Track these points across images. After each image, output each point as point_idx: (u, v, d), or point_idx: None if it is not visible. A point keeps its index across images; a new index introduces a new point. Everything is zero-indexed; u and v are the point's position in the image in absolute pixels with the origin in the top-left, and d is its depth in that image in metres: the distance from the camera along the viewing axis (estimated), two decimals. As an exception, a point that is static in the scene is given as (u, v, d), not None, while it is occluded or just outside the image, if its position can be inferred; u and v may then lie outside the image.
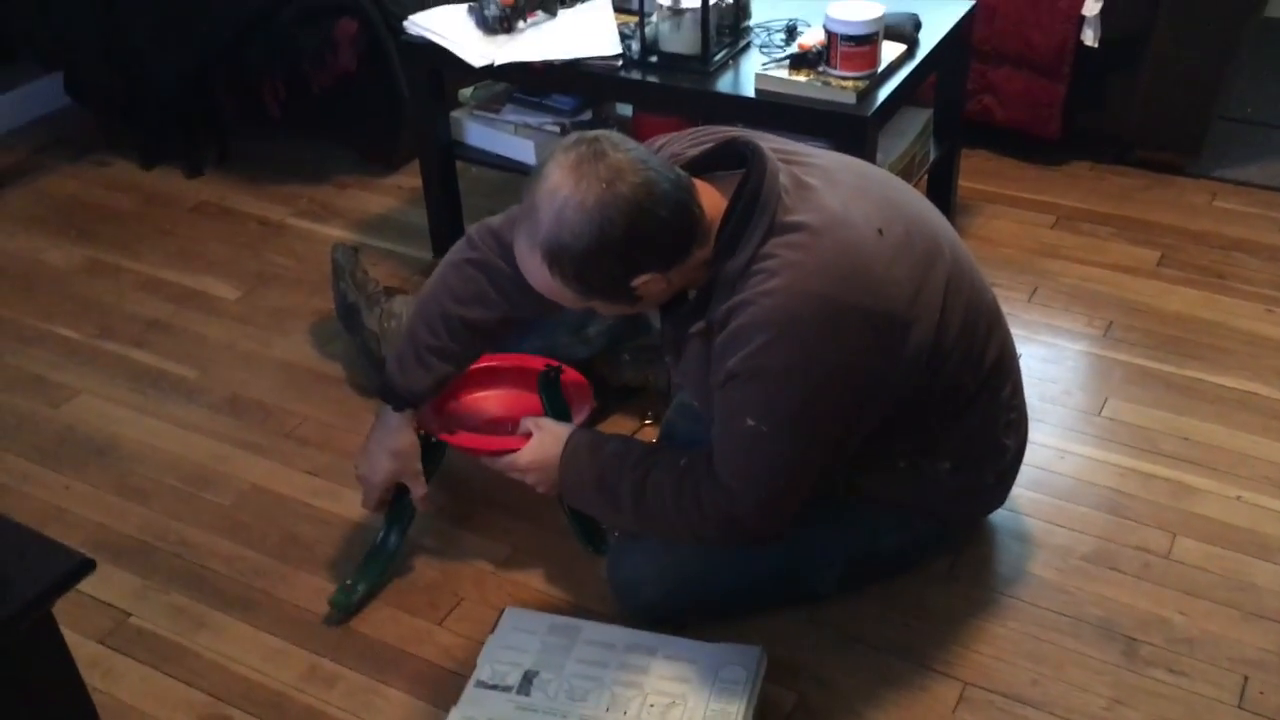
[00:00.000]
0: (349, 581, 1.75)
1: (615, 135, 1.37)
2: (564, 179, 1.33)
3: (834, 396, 1.41)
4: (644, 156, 1.35)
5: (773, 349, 1.37)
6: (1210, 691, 1.56)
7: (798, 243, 1.38)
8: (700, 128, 1.58)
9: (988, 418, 1.62)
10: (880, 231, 1.42)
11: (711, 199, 1.42)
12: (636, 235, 1.33)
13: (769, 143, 1.50)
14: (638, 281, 1.38)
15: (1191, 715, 1.54)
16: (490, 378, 1.88)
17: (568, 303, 1.44)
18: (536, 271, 1.39)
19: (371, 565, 1.78)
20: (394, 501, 1.80)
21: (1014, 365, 1.66)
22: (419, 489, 1.77)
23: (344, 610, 1.73)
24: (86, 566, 0.95)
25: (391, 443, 1.73)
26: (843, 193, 1.44)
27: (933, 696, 1.58)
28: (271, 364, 2.28)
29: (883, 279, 1.40)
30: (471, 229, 1.70)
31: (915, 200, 1.57)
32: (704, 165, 1.48)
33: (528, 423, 1.67)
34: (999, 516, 1.83)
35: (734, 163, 1.45)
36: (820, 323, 1.37)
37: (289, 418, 2.13)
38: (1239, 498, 1.86)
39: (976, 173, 2.74)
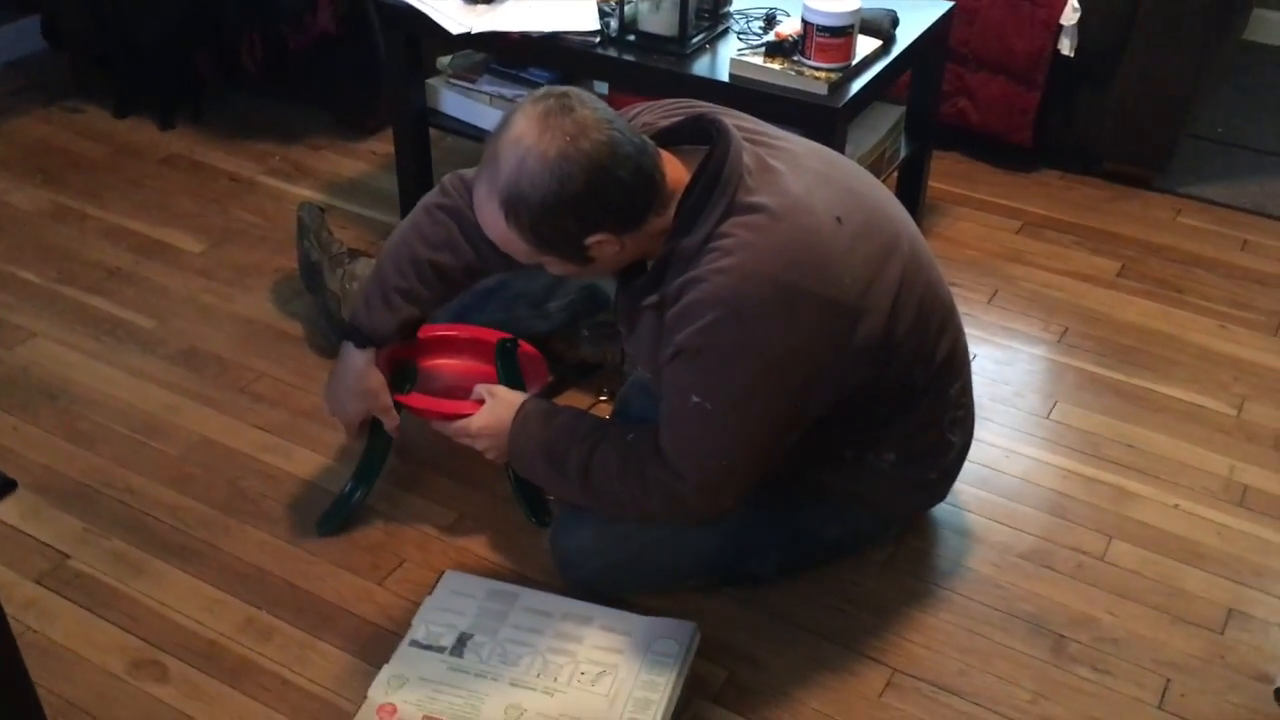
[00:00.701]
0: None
1: (584, 93, 1.38)
2: (529, 129, 1.34)
3: (779, 379, 1.42)
4: (610, 117, 1.37)
5: (721, 327, 1.38)
6: (1132, 691, 1.59)
7: (755, 224, 1.39)
8: (676, 100, 1.60)
9: (934, 413, 1.63)
10: (839, 220, 1.43)
11: (675, 171, 1.43)
12: (594, 193, 1.34)
13: (739, 121, 1.51)
14: (590, 240, 1.39)
15: (1113, 714, 1.56)
16: (446, 347, 1.88)
17: (520, 255, 1.45)
18: (493, 219, 1.40)
19: (344, 504, 1.82)
20: (367, 442, 1.82)
21: (965, 363, 1.68)
22: (391, 420, 1.76)
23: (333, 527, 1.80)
24: (8, 487, 0.95)
25: (358, 383, 1.74)
26: (806, 178, 1.45)
27: (860, 681, 1.60)
28: (231, 319, 2.27)
29: (837, 267, 1.41)
30: (445, 177, 1.73)
31: (879, 193, 1.58)
32: (672, 138, 1.49)
33: (481, 389, 1.68)
34: (942, 511, 1.85)
35: (702, 138, 1.46)
36: (770, 305, 1.38)
37: (245, 373, 2.13)
38: (1177, 506, 1.89)
39: (947, 174, 2.76)
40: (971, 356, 1.70)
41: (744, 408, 1.43)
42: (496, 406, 1.64)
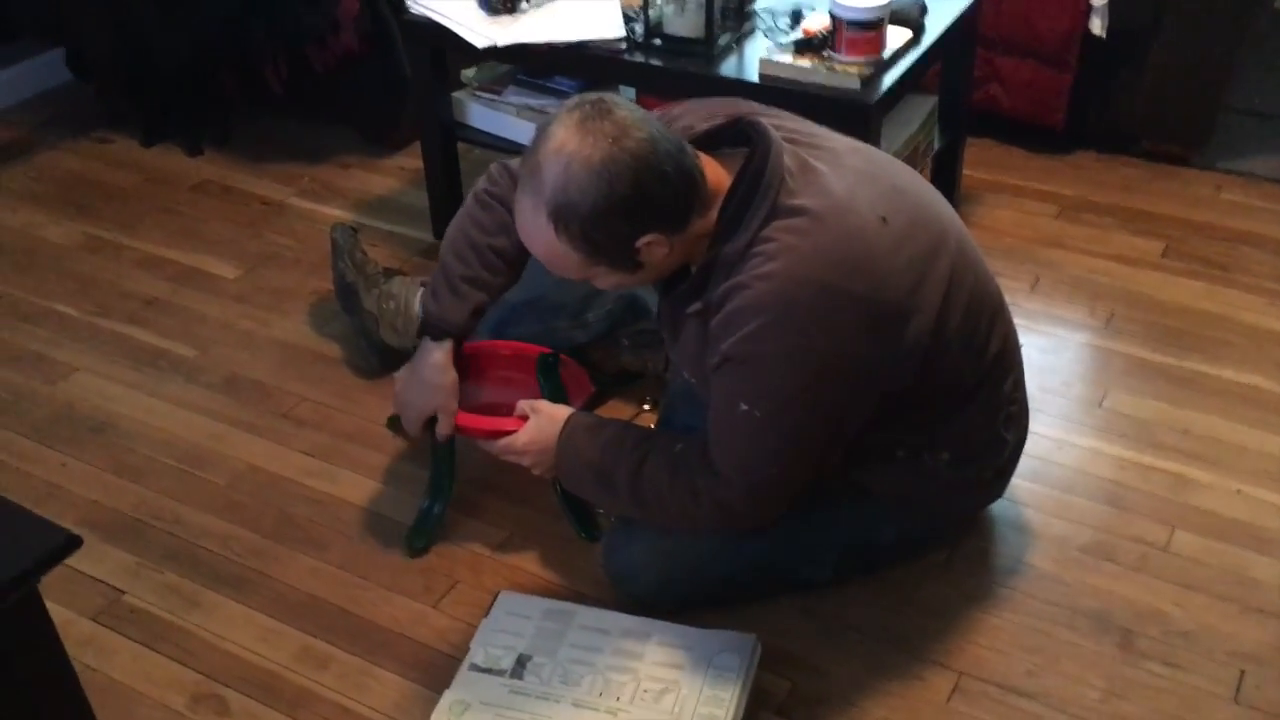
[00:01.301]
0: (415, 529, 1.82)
1: (617, 96, 1.38)
2: (569, 137, 1.33)
3: (828, 384, 1.40)
4: (645, 116, 1.36)
5: (767, 334, 1.36)
6: (1206, 685, 1.56)
7: (798, 227, 1.37)
8: (715, 100, 1.58)
9: (987, 411, 1.61)
10: (884, 219, 1.41)
11: (716, 175, 1.42)
12: (642, 192, 1.33)
13: (780, 120, 1.49)
14: (642, 242, 1.37)
15: (1187, 708, 1.53)
16: (487, 363, 1.87)
17: (571, 270, 1.43)
18: (542, 234, 1.39)
19: (427, 519, 1.81)
20: (432, 456, 1.82)
21: (1016, 359, 1.65)
22: (445, 427, 1.73)
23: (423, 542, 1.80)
24: (73, 543, 0.94)
25: (435, 376, 1.72)
26: (848, 178, 1.43)
27: (927, 686, 1.57)
28: (270, 344, 2.27)
29: (883, 268, 1.39)
30: (491, 166, 1.75)
31: (923, 189, 1.55)
32: (712, 141, 1.47)
33: (525, 405, 1.66)
34: (997, 507, 1.82)
35: (742, 140, 1.44)
36: (817, 309, 1.36)
37: (286, 398, 2.13)
38: (1238, 491, 1.85)
39: (981, 162, 2.72)
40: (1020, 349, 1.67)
41: (792, 414, 1.41)
42: (541, 421, 1.63)
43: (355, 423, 2.06)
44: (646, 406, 2.05)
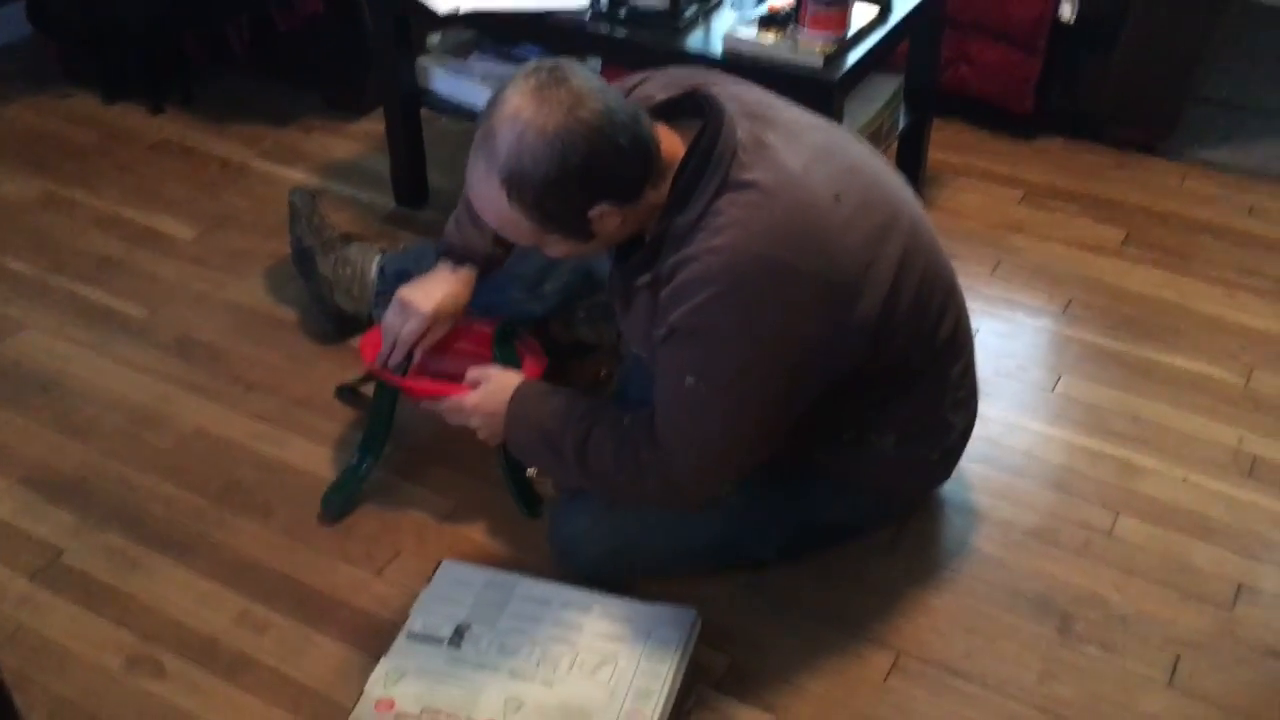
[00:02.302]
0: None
1: (574, 63, 1.35)
2: (525, 104, 1.31)
3: (774, 360, 1.39)
4: (602, 85, 1.34)
5: (714, 306, 1.35)
6: (1142, 669, 1.57)
7: (748, 201, 1.36)
8: (678, 69, 1.57)
9: (935, 395, 1.61)
10: (837, 197, 1.40)
11: (672, 145, 1.41)
12: (597, 163, 1.31)
13: (740, 92, 1.48)
14: (594, 212, 1.36)
15: (1122, 692, 1.54)
16: (444, 337, 1.86)
17: (523, 237, 1.42)
18: (494, 200, 1.37)
19: (351, 478, 1.81)
20: (371, 411, 1.80)
21: (967, 343, 1.65)
22: (436, 334, 1.72)
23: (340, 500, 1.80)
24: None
25: (449, 285, 1.72)
26: (804, 154, 1.42)
27: (866, 664, 1.58)
28: (224, 307, 2.24)
29: (833, 245, 1.38)
30: None
31: (880, 168, 1.54)
32: (669, 111, 1.45)
33: (476, 371, 1.65)
34: (946, 489, 1.83)
35: (699, 112, 1.43)
36: (764, 283, 1.35)
37: (238, 361, 2.11)
38: (1185, 479, 1.86)
39: (948, 144, 2.72)
40: (974, 330, 1.67)
41: (738, 389, 1.41)
42: (491, 386, 1.62)
43: (307, 388, 2.04)
44: (602, 376, 2.04)
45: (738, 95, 1.47)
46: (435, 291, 1.73)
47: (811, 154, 1.43)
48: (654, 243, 1.43)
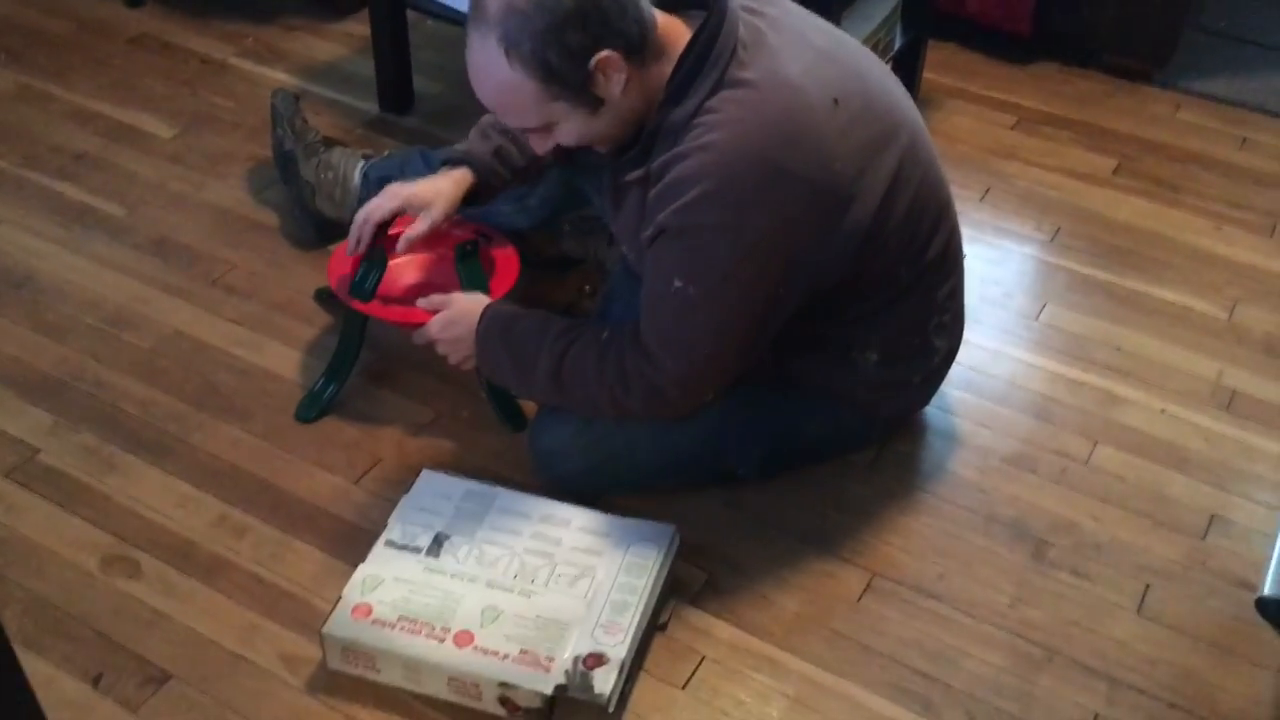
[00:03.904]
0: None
1: None
2: None
3: (763, 261, 1.38)
4: None
5: (704, 204, 1.34)
6: (1111, 596, 1.59)
7: (744, 99, 1.34)
8: None
9: (919, 315, 1.60)
10: (836, 102, 1.38)
11: (676, 34, 1.38)
12: (590, 2, 1.29)
13: None
14: (597, 59, 1.32)
15: (1091, 618, 1.56)
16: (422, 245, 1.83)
17: (528, 109, 1.38)
18: (494, 68, 1.34)
19: (318, 399, 1.80)
20: (340, 337, 1.80)
21: (956, 266, 1.64)
22: (419, 227, 1.66)
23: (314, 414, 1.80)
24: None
25: (437, 180, 1.70)
26: (806, 56, 1.39)
27: (840, 583, 1.59)
28: (203, 208, 2.20)
29: (828, 150, 1.36)
30: None
31: (884, 78, 1.51)
32: (678, 2, 1.42)
33: (436, 298, 1.64)
34: (927, 413, 1.83)
35: (703, 4, 1.40)
36: (755, 184, 1.33)
37: (217, 264, 2.08)
38: (1163, 410, 1.87)
39: (943, 66, 2.68)
40: (963, 258, 1.66)
41: (726, 291, 1.40)
42: (453, 313, 1.61)
43: (286, 293, 2.02)
44: (587, 289, 2.02)
45: None
46: (420, 181, 1.70)
47: (814, 56, 1.40)
48: (647, 137, 1.41)
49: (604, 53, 1.33)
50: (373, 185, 2.01)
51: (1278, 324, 2.04)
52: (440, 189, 1.69)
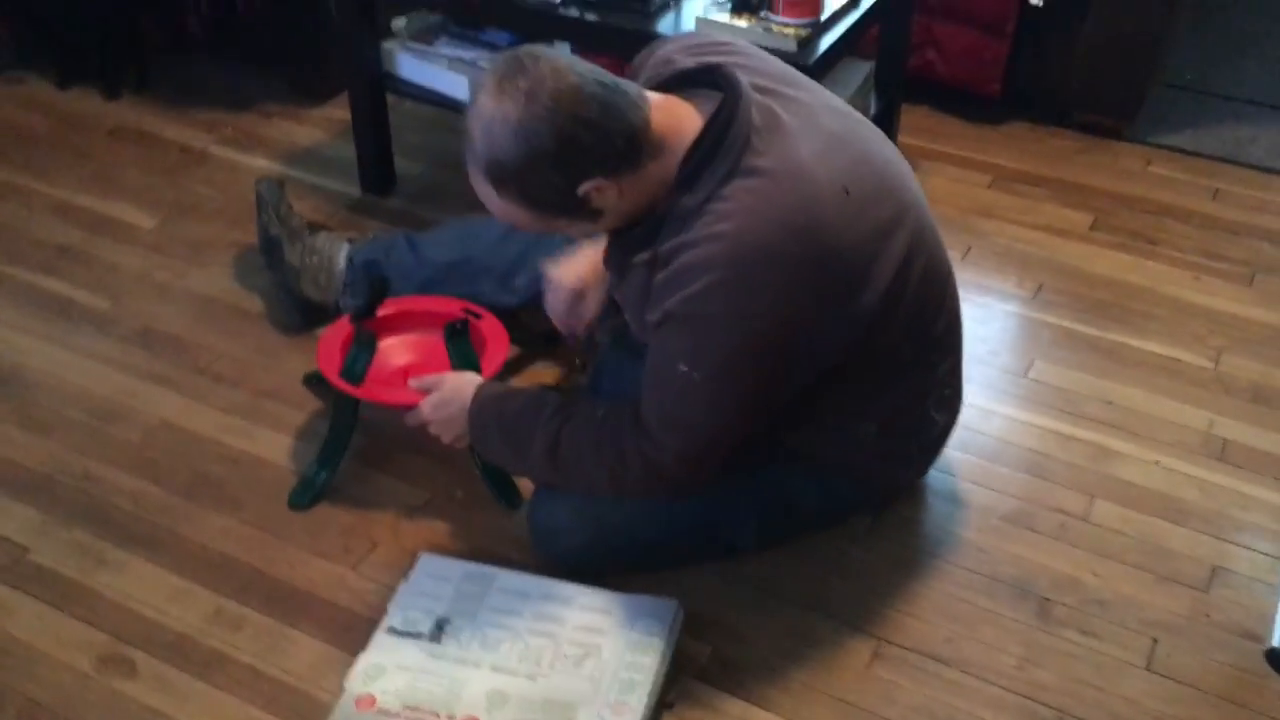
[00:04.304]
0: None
1: (538, 48, 1.34)
2: (487, 100, 1.32)
3: (769, 350, 1.38)
4: (568, 64, 1.32)
5: (713, 293, 1.34)
6: (1119, 653, 1.58)
7: (756, 189, 1.35)
8: (701, 36, 1.59)
9: (920, 389, 1.60)
10: (846, 190, 1.38)
11: (686, 119, 1.38)
12: (566, 141, 1.30)
13: (764, 65, 1.46)
14: (584, 189, 1.34)
15: (1100, 676, 1.55)
16: (407, 322, 1.84)
17: (530, 225, 1.41)
18: (489, 196, 1.38)
19: (311, 485, 1.78)
20: (331, 423, 1.78)
21: (957, 343, 1.65)
22: (590, 310, 1.72)
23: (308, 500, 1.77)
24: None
25: (588, 253, 1.71)
26: (818, 141, 1.40)
27: (847, 652, 1.58)
28: (187, 296, 2.20)
29: (838, 240, 1.37)
30: None
31: (892, 159, 1.52)
32: (688, 82, 1.43)
33: (424, 380, 1.64)
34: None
35: (718, 86, 1.41)
36: (764, 274, 1.34)
37: (203, 353, 2.07)
38: (1157, 462, 1.87)
39: (916, 129, 2.72)
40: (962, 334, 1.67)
41: (732, 378, 1.40)
42: (445, 393, 1.61)
43: (275, 379, 2.01)
44: (578, 363, 2.02)
45: (758, 69, 1.45)
46: (576, 262, 1.73)
47: (825, 142, 1.41)
48: (656, 220, 1.41)
49: (590, 183, 1.34)
50: (357, 269, 2.01)
51: (1263, 372, 2.06)
52: (595, 260, 1.69)
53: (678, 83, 1.42)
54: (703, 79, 1.42)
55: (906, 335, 1.50)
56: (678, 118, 1.38)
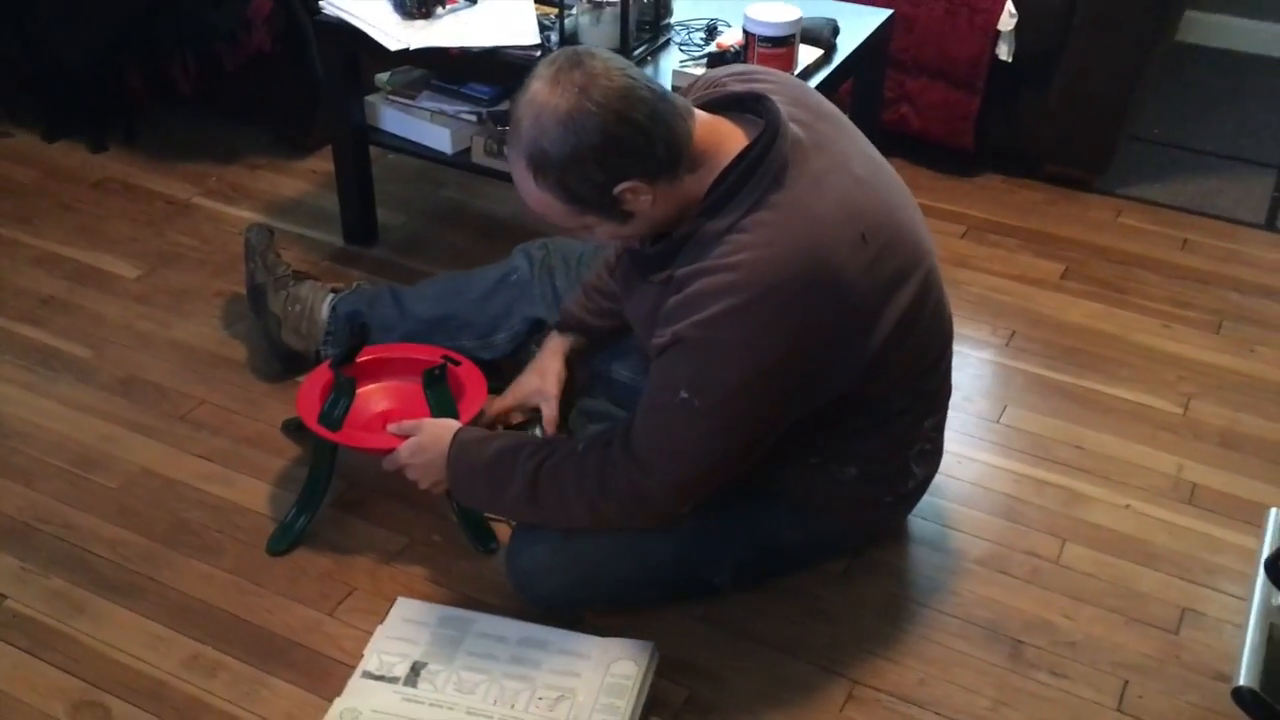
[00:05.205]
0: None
1: (598, 49, 1.39)
2: (541, 88, 1.35)
3: (770, 383, 1.41)
4: (624, 65, 1.37)
5: (724, 321, 1.37)
6: (1091, 695, 1.59)
7: (777, 224, 1.38)
8: (754, 68, 1.64)
9: (904, 439, 1.63)
10: (864, 237, 1.41)
11: (728, 139, 1.42)
12: (611, 140, 1.34)
13: (804, 99, 1.50)
14: (620, 189, 1.37)
15: (1072, 717, 1.57)
16: (385, 369, 1.86)
17: (562, 217, 1.43)
18: (526, 183, 1.40)
19: (289, 531, 1.80)
20: (310, 468, 1.80)
21: (945, 401, 1.69)
22: (549, 411, 1.76)
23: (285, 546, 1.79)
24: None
25: (541, 363, 1.77)
26: (844, 184, 1.43)
27: (822, 694, 1.59)
28: (169, 345, 2.22)
29: (849, 285, 1.40)
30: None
31: (912, 213, 1.56)
32: (734, 105, 1.47)
33: (403, 425, 1.67)
34: (896, 519, 1.85)
35: (761, 114, 1.44)
36: (777, 308, 1.37)
37: (184, 400, 2.08)
38: (1128, 506, 1.90)
39: (891, 181, 2.76)
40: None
41: (729, 407, 1.42)
42: (424, 439, 1.63)
43: (255, 427, 2.02)
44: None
45: (802, 103, 1.49)
46: (526, 374, 1.81)
47: (851, 186, 1.44)
48: (676, 242, 1.44)
49: (627, 184, 1.37)
50: (341, 320, 2.04)
51: (1231, 418, 2.09)
52: (557, 368, 1.77)
53: (724, 105, 1.46)
54: (749, 105, 1.46)
55: (899, 385, 1.54)
56: (721, 136, 1.41)
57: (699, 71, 2.02)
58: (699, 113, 1.42)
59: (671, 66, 2.07)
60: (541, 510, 1.55)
